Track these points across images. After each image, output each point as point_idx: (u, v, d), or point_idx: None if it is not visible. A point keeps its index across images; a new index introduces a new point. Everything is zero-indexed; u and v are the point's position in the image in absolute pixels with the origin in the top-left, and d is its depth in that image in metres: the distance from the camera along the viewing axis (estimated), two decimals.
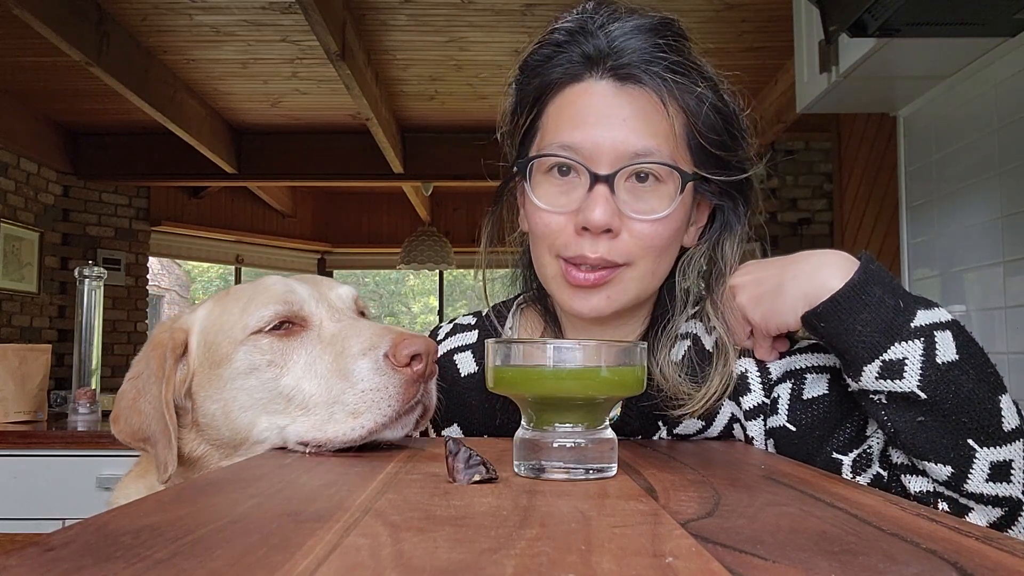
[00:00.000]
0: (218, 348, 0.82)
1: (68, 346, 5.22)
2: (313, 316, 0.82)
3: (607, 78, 0.87)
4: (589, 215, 0.83)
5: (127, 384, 0.85)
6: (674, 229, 0.88)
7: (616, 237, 0.85)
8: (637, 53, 0.86)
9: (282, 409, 0.79)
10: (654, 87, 0.86)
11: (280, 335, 0.80)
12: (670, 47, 0.86)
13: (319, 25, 3.41)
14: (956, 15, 2.20)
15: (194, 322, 0.86)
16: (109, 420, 0.86)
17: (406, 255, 7.02)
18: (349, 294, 0.90)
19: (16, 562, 0.35)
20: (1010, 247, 2.66)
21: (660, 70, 0.85)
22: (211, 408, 0.82)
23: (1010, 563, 0.38)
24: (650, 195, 0.86)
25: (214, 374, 0.82)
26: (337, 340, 0.79)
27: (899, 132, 3.32)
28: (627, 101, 0.86)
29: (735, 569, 0.35)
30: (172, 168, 5.92)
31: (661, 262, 0.89)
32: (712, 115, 0.88)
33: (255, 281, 0.88)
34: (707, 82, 0.88)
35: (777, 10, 3.71)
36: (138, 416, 0.82)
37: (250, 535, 0.41)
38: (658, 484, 0.59)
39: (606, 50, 0.86)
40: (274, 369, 0.79)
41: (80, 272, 2.78)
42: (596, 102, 0.87)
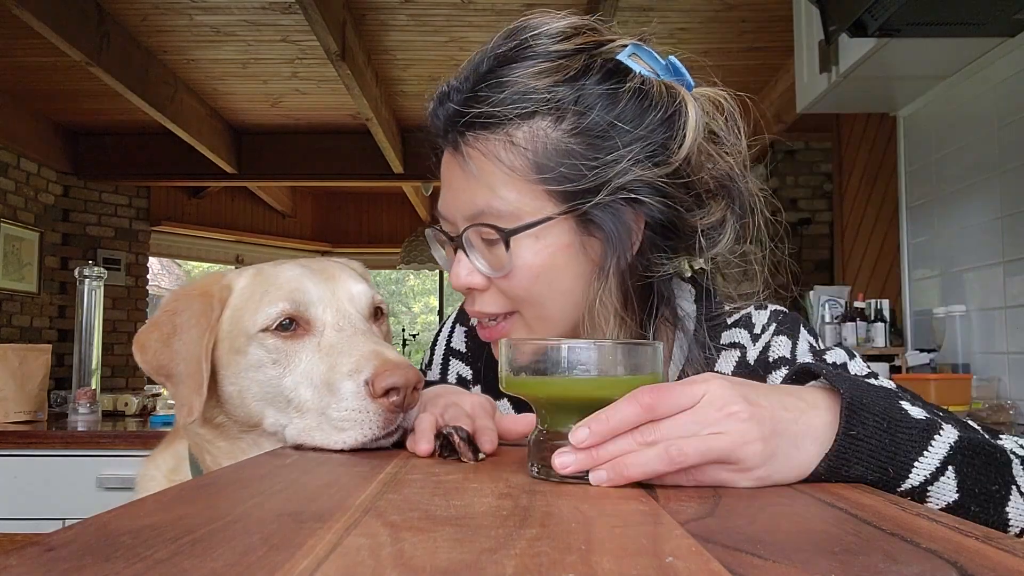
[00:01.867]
0: (237, 336, 0.85)
1: (68, 346, 5.22)
2: (317, 321, 0.83)
3: (449, 144, 0.88)
4: (451, 277, 0.89)
5: (162, 316, 0.87)
6: (534, 278, 0.84)
7: (485, 293, 0.88)
8: (470, 110, 0.83)
9: (284, 407, 0.82)
10: (474, 143, 0.84)
11: (286, 336, 0.82)
12: (510, 90, 0.82)
13: (319, 25, 3.42)
14: (956, 15, 2.20)
15: (233, 291, 0.88)
16: (134, 344, 0.87)
17: (406, 255, 7.02)
18: (364, 296, 0.89)
19: (16, 562, 0.35)
20: (1010, 247, 2.66)
21: (470, 123, 0.83)
22: (229, 389, 0.86)
23: (1010, 563, 0.38)
24: (498, 251, 0.84)
25: (233, 359, 0.85)
26: (332, 353, 0.80)
27: (899, 132, 3.32)
28: (460, 166, 0.86)
29: (735, 569, 0.35)
30: (172, 168, 5.93)
31: (545, 308, 0.86)
32: (559, 145, 0.82)
33: (281, 265, 0.89)
34: (555, 108, 0.81)
35: (777, 10, 3.71)
36: (168, 353, 0.84)
37: (250, 535, 0.41)
38: (658, 484, 0.59)
39: (452, 116, 0.86)
40: (278, 368, 0.82)
41: (80, 272, 2.78)
42: (445, 171, 0.90)
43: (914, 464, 0.63)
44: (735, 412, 0.58)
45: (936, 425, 0.66)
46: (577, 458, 0.59)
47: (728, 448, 0.57)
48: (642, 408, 0.57)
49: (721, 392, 0.59)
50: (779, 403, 0.61)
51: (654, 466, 0.57)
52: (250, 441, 0.86)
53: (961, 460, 0.65)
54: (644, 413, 0.58)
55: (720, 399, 0.58)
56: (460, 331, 1.11)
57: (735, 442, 0.57)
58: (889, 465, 0.62)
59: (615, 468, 0.57)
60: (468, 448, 0.69)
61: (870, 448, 0.62)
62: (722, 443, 0.57)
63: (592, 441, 0.58)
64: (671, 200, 0.83)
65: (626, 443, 0.58)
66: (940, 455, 0.64)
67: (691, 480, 0.58)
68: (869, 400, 0.63)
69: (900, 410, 0.65)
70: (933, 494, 0.64)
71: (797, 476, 0.61)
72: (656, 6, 3.77)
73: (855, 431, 0.61)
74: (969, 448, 0.66)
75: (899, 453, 0.63)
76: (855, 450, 0.61)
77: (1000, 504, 0.67)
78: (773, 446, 0.59)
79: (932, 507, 0.65)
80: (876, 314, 3.32)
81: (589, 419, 0.58)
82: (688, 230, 0.86)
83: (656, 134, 0.83)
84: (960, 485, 0.65)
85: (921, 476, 0.63)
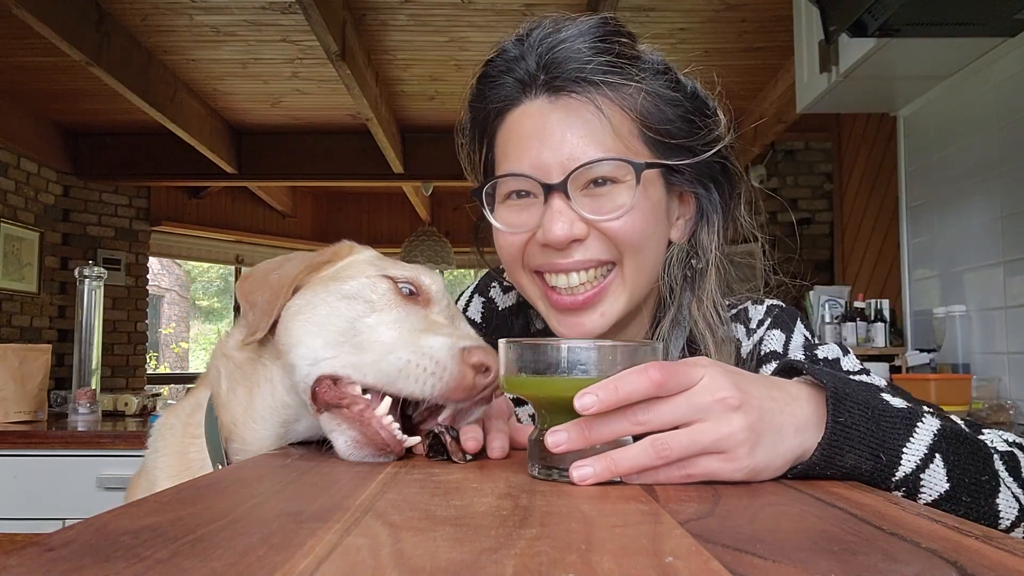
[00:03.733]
0: (345, 271, 0.84)
1: (68, 346, 5.22)
2: (435, 304, 0.82)
3: (541, 96, 0.87)
4: (548, 231, 0.85)
5: (280, 258, 0.89)
6: (644, 221, 0.86)
7: (586, 242, 0.86)
8: (564, 63, 0.85)
9: (339, 342, 0.77)
10: (587, 92, 0.85)
11: (399, 293, 0.80)
12: (598, 48, 0.86)
13: (319, 25, 3.42)
14: (956, 15, 2.20)
15: (355, 252, 0.90)
16: (240, 278, 0.90)
17: (406, 255, 7.02)
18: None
19: (16, 562, 0.35)
20: (1010, 247, 2.66)
21: (589, 74, 0.85)
22: (292, 308, 0.82)
23: (1010, 563, 0.38)
24: (610, 195, 0.85)
25: (323, 286, 0.83)
26: (434, 324, 0.79)
27: (899, 132, 3.32)
28: (563, 114, 0.86)
29: (735, 569, 0.36)
30: (172, 168, 5.93)
31: (645, 258, 0.88)
32: (658, 104, 0.87)
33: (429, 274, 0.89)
34: (647, 73, 0.87)
35: (777, 10, 3.71)
36: (262, 283, 0.85)
37: (250, 535, 0.41)
38: (658, 484, 0.59)
39: (535, 70, 0.87)
40: (368, 308, 0.79)
41: (80, 272, 2.78)
42: (535, 123, 0.87)
43: (903, 450, 0.64)
44: (725, 399, 0.59)
45: (917, 413, 0.67)
46: (570, 436, 0.59)
47: (714, 439, 0.58)
48: (651, 383, 0.57)
49: (716, 378, 0.60)
50: (766, 394, 0.62)
51: (641, 461, 0.58)
52: (266, 377, 0.83)
53: (947, 448, 0.66)
54: (653, 388, 0.57)
55: (714, 384, 0.59)
56: (478, 301, 1.10)
57: (721, 431, 0.58)
58: (880, 451, 0.63)
59: (601, 463, 0.58)
60: (459, 448, 0.69)
61: (859, 435, 0.63)
62: (708, 434, 0.58)
63: (598, 408, 0.57)
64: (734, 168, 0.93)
65: (620, 425, 0.58)
66: (926, 442, 0.65)
67: (682, 473, 0.59)
68: (851, 391, 0.64)
69: (881, 400, 0.66)
70: (927, 484, 0.65)
71: (781, 467, 0.62)
72: (656, 6, 3.77)
73: (843, 418, 0.62)
74: (953, 437, 0.67)
75: (887, 440, 0.64)
76: (846, 437, 0.62)
77: (991, 495, 0.68)
78: (759, 435, 0.59)
79: (927, 500, 0.65)
80: (876, 314, 3.32)
81: (596, 386, 0.57)
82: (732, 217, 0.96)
83: (715, 113, 0.92)
84: (950, 474, 0.66)
85: (912, 463, 0.64)
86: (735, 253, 0.97)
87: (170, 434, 0.89)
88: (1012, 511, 0.68)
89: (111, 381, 6.07)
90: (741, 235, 0.97)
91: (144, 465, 0.89)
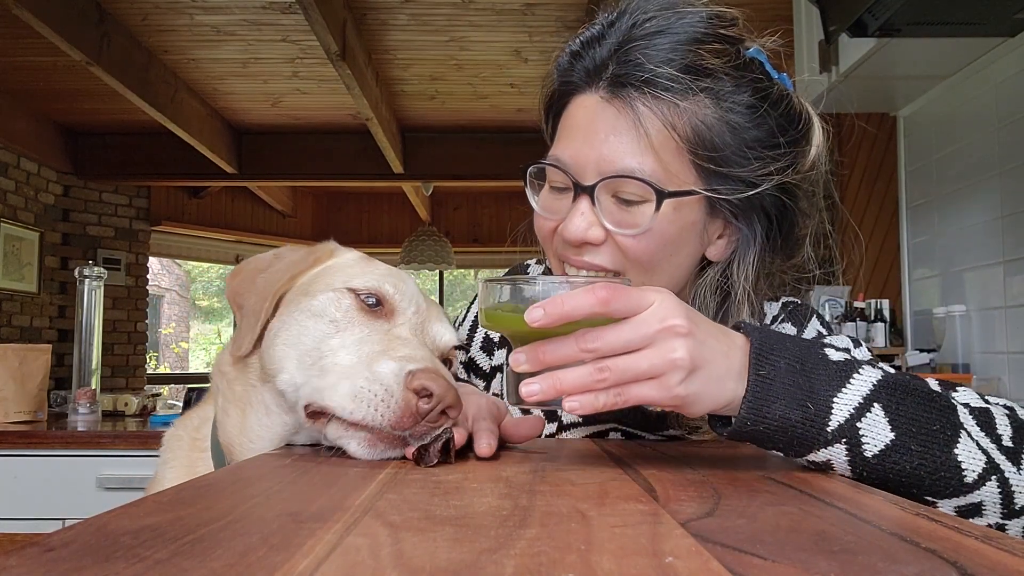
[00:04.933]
0: (317, 283, 0.84)
1: (68, 346, 5.22)
2: (400, 315, 0.82)
3: (600, 91, 0.86)
4: (566, 227, 0.87)
5: (268, 255, 0.89)
6: (662, 245, 0.85)
7: (599, 248, 0.86)
8: (634, 63, 0.83)
9: (308, 364, 0.77)
10: (644, 100, 0.83)
11: (363, 309, 0.80)
12: (677, 53, 0.82)
13: (319, 25, 3.41)
14: (956, 15, 2.20)
15: (335, 255, 0.89)
16: (230, 274, 0.90)
17: (406, 255, 7.02)
18: (448, 341, 0.86)
19: (16, 562, 0.35)
20: (1010, 247, 2.66)
21: (653, 83, 0.82)
22: (273, 328, 0.83)
23: (1010, 563, 0.38)
24: (636, 210, 0.84)
25: (298, 300, 0.83)
26: (394, 343, 0.78)
27: (899, 132, 3.32)
28: (614, 116, 0.84)
29: (735, 569, 0.35)
30: (172, 168, 5.92)
31: (653, 277, 0.87)
32: (717, 127, 0.83)
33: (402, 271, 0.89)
34: (724, 89, 0.83)
35: (777, 10, 3.71)
36: (250, 285, 0.85)
37: (250, 535, 0.41)
38: (658, 484, 0.59)
39: (605, 62, 0.85)
40: (332, 327, 0.79)
41: (80, 272, 2.78)
42: (587, 116, 0.86)
43: (834, 400, 0.65)
44: (674, 326, 0.61)
45: (855, 365, 0.67)
46: (527, 356, 0.63)
47: (651, 364, 0.61)
48: (597, 300, 0.61)
49: (668, 306, 0.62)
50: (715, 333, 0.65)
51: (583, 381, 0.61)
52: (258, 399, 0.83)
53: (888, 398, 0.66)
54: (597, 305, 0.61)
55: (664, 311, 0.62)
56: None
57: (662, 357, 0.61)
58: (808, 401, 0.64)
59: (547, 381, 0.62)
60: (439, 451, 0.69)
61: (784, 387, 0.64)
62: (648, 359, 0.61)
63: (544, 322, 0.61)
64: (792, 204, 0.88)
65: (569, 349, 0.62)
66: (862, 392, 0.65)
67: (620, 399, 0.62)
68: (781, 346, 0.66)
69: (818, 355, 0.67)
70: (867, 434, 0.65)
71: (711, 407, 0.64)
72: None
73: (764, 371, 0.64)
74: (896, 387, 0.67)
75: (816, 390, 0.65)
76: (769, 389, 0.64)
77: (946, 445, 0.66)
78: (696, 367, 0.62)
79: (873, 451, 0.65)
80: (876, 314, 3.32)
81: (546, 301, 0.61)
82: (796, 237, 0.91)
83: (798, 143, 0.87)
84: (893, 423, 0.65)
85: (844, 412, 0.65)
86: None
87: (178, 446, 0.91)
88: (977, 463, 0.66)
89: (111, 381, 6.06)
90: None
91: (155, 475, 0.90)
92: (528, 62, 4.51)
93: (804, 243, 0.92)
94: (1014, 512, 0.67)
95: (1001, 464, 0.67)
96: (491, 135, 5.85)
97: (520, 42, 4.24)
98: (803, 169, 0.87)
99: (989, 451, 0.67)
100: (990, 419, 0.70)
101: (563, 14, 3.93)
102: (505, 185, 7.02)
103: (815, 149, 0.88)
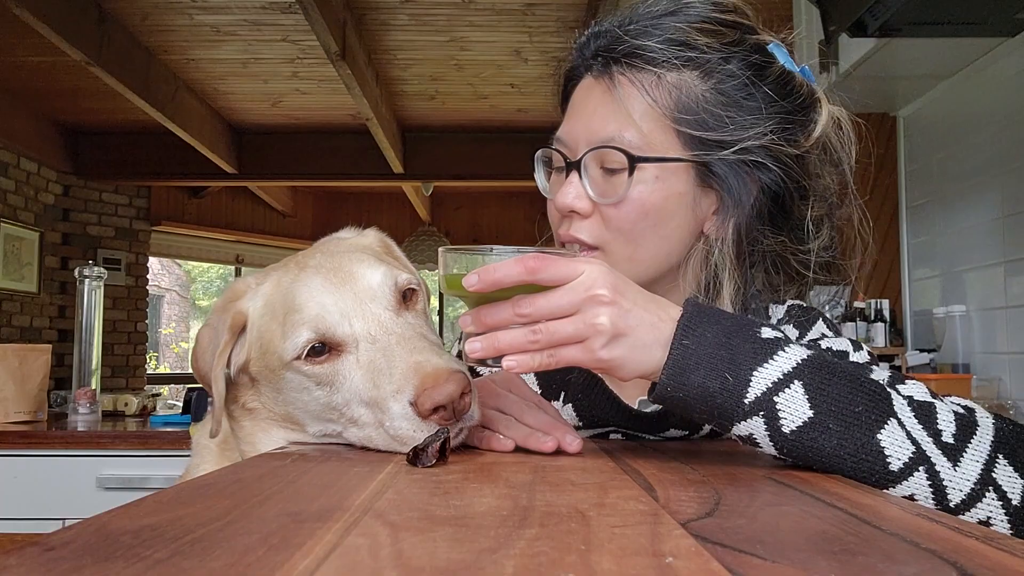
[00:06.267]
0: (269, 359, 0.82)
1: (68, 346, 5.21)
2: (348, 338, 0.78)
3: (592, 71, 0.92)
4: (556, 197, 0.91)
5: (203, 330, 0.88)
6: (643, 213, 0.86)
7: (586, 219, 0.90)
8: (618, 41, 0.88)
9: (336, 419, 0.80)
10: (628, 74, 0.88)
11: (321, 361, 0.78)
12: (654, 34, 0.87)
13: (319, 25, 3.42)
14: (956, 15, 2.20)
15: (252, 311, 0.85)
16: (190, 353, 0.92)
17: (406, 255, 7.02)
18: (386, 285, 0.82)
19: (16, 562, 0.35)
20: (1010, 247, 2.66)
21: (634, 58, 0.87)
22: (270, 394, 0.84)
23: (1010, 563, 0.38)
24: (616, 179, 0.87)
25: (271, 376, 0.82)
26: (372, 371, 0.76)
27: (899, 132, 3.32)
28: (600, 90, 0.89)
29: (735, 569, 0.35)
30: (172, 168, 5.93)
31: (639, 248, 0.88)
32: (700, 99, 0.85)
33: (296, 278, 0.82)
34: (700, 64, 0.86)
35: (777, 10, 3.71)
36: (205, 364, 0.86)
37: (250, 535, 0.41)
38: (658, 484, 0.59)
39: (599, 46, 0.91)
40: (324, 388, 0.79)
41: (80, 272, 2.78)
42: (581, 96, 0.93)
43: (753, 373, 0.66)
44: (598, 295, 0.65)
45: (782, 343, 0.68)
46: (473, 318, 0.69)
47: (576, 329, 0.66)
48: (525, 269, 0.65)
49: (596, 275, 0.66)
50: (643, 303, 0.68)
51: (518, 342, 0.66)
52: (282, 433, 0.85)
53: (810, 376, 0.66)
54: (525, 274, 0.65)
55: (591, 280, 0.66)
56: None
57: (586, 322, 0.65)
58: (727, 372, 0.66)
59: (488, 340, 0.67)
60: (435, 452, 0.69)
61: (705, 356, 0.66)
62: (573, 323, 0.66)
63: (479, 287, 0.66)
64: (789, 179, 0.89)
65: (506, 313, 0.67)
66: (783, 368, 0.66)
67: (551, 360, 0.67)
68: (712, 320, 0.68)
69: (750, 332, 0.68)
70: (784, 409, 0.65)
71: (635, 371, 0.68)
72: None
73: (687, 340, 0.66)
74: (821, 367, 0.67)
75: (737, 363, 0.66)
76: (690, 358, 0.66)
77: (868, 429, 0.65)
78: (620, 333, 0.66)
79: (791, 427, 0.65)
80: (876, 314, 3.32)
81: (481, 269, 0.67)
82: (795, 216, 0.92)
83: (793, 115, 0.89)
84: (812, 401, 0.66)
85: (763, 385, 0.66)
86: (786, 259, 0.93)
87: (209, 455, 0.92)
88: (903, 452, 0.65)
89: (111, 381, 6.06)
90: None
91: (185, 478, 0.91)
92: (528, 62, 4.51)
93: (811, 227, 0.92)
94: (949, 509, 0.66)
95: (932, 456, 0.66)
96: (491, 135, 5.85)
97: (520, 42, 4.25)
98: (802, 146, 0.89)
99: (920, 442, 0.66)
100: (931, 413, 0.69)
101: (563, 14, 3.93)
102: (505, 185, 7.02)
103: (819, 128, 0.90)
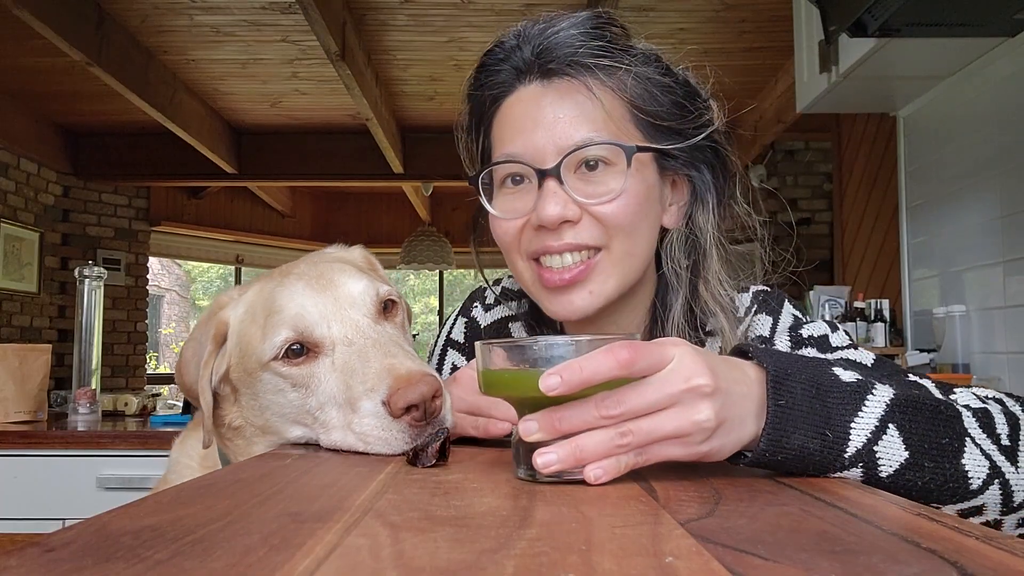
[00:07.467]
0: (248, 362, 0.85)
1: (68, 346, 5.21)
2: (326, 339, 0.81)
3: (535, 81, 0.90)
4: (541, 212, 0.86)
5: (187, 344, 0.90)
6: (637, 205, 0.88)
7: (577, 225, 0.87)
8: (557, 48, 0.88)
9: (311, 423, 0.82)
10: (579, 75, 0.87)
11: (298, 362, 0.81)
12: (590, 34, 0.88)
13: (319, 25, 3.41)
14: (956, 15, 2.20)
15: (233, 319, 0.88)
16: (175, 367, 0.93)
17: (406, 255, 7.01)
18: (367, 295, 0.85)
19: (16, 562, 0.35)
20: (1010, 247, 2.66)
21: (581, 57, 0.87)
22: (249, 403, 0.87)
23: (1010, 563, 0.37)
24: (602, 179, 0.87)
25: (248, 380, 0.85)
26: (346, 372, 0.79)
27: (899, 132, 3.32)
28: (557, 97, 0.88)
29: (735, 569, 0.35)
30: (172, 168, 5.92)
31: (635, 242, 0.89)
32: (649, 89, 0.89)
33: (278, 283, 0.86)
34: (638, 59, 0.89)
35: (777, 10, 3.71)
36: (190, 377, 0.88)
37: (250, 535, 0.41)
38: (658, 484, 0.59)
39: (531, 58, 0.90)
40: (299, 390, 0.81)
41: (80, 272, 2.78)
42: (529, 107, 0.89)
43: (851, 425, 0.63)
44: (699, 386, 0.58)
45: (868, 386, 0.66)
46: (540, 424, 0.58)
47: (676, 426, 0.58)
48: (619, 363, 0.56)
49: (689, 361, 0.59)
50: (733, 377, 0.61)
51: (605, 447, 0.57)
52: (267, 445, 0.87)
53: (902, 417, 0.65)
54: (618, 368, 0.56)
55: (687, 368, 0.58)
56: (460, 322, 1.13)
57: (689, 419, 0.58)
58: (826, 429, 0.62)
59: (565, 449, 0.57)
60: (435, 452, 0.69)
61: (802, 415, 0.62)
62: (673, 421, 0.58)
63: (563, 389, 0.56)
64: (724, 165, 0.94)
65: (589, 415, 0.58)
66: (877, 414, 0.64)
67: (640, 460, 0.58)
68: (795, 370, 0.64)
69: (830, 376, 0.65)
70: (883, 456, 0.64)
71: (731, 451, 0.62)
72: (656, 6, 3.76)
73: (783, 400, 0.62)
74: (908, 404, 0.66)
75: (833, 416, 0.63)
76: (788, 419, 0.61)
77: (955, 457, 0.66)
78: (721, 423, 0.59)
79: (888, 472, 0.64)
80: (876, 314, 3.32)
81: (561, 366, 0.56)
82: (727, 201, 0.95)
83: (706, 102, 0.94)
84: (908, 442, 0.65)
85: (862, 437, 0.63)
86: (734, 252, 0.96)
87: (189, 473, 0.93)
88: (982, 470, 0.66)
89: (111, 381, 6.06)
90: (740, 226, 0.97)
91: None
92: None
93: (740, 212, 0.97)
94: (1011, 508, 0.69)
95: (1002, 466, 0.68)
96: None
97: None
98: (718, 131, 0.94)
99: (991, 454, 0.68)
100: (990, 419, 0.70)
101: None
102: None
103: (714, 105, 0.94)
